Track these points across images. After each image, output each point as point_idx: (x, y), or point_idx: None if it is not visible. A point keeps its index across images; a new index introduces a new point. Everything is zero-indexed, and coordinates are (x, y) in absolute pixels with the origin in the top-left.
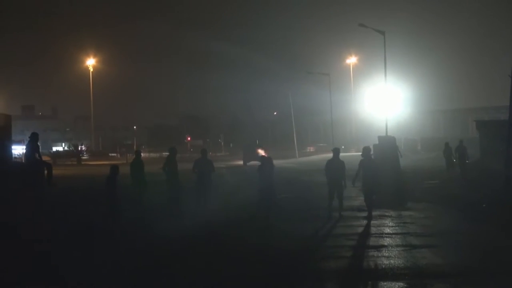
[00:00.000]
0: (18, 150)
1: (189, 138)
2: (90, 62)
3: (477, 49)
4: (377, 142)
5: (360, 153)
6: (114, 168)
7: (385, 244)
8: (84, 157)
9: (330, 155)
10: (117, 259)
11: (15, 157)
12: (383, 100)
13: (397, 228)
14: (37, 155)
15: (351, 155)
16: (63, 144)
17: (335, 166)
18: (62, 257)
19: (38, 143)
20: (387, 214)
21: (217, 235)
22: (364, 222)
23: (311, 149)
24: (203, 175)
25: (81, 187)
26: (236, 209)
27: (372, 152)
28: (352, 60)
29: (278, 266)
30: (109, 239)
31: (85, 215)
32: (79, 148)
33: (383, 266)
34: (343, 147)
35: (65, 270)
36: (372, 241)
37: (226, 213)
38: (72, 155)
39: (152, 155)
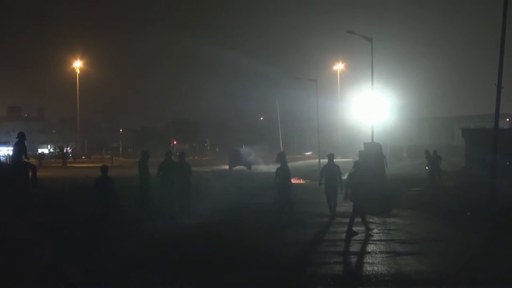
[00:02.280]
0: (3, 151)
1: (175, 142)
2: (77, 64)
3: (463, 58)
4: (363, 148)
5: (348, 159)
6: (104, 169)
7: (369, 250)
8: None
9: (314, 161)
10: (98, 262)
11: None
12: (370, 107)
13: (381, 234)
14: (23, 156)
15: (336, 161)
16: (49, 146)
17: (330, 170)
18: (46, 258)
19: (25, 144)
20: (371, 220)
21: (205, 239)
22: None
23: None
24: (181, 179)
25: (66, 189)
26: (223, 213)
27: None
28: (339, 66)
29: (262, 271)
30: (93, 241)
31: (70, 217)
32: (65, 150)
33: (367, 273)
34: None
35: (47, 272)
36: (356, 248)
37: (211, 218)
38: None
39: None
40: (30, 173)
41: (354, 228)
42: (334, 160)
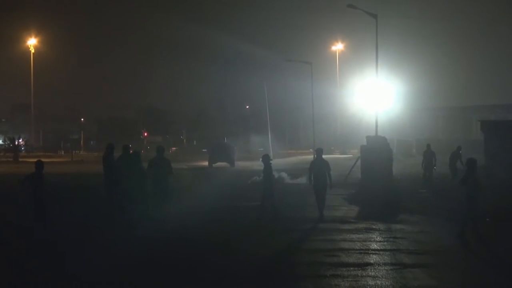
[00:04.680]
0: None
1: (146, 134)
2: (32, 42)
3: (484, 38)
4: (365, 143)
5: (348, 155)
6: (40, 165)
7: (372, 262)
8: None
9: (308, 157)
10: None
11: None
12: (373, 95)
13: (385, 243)
14: None
15: (334, 157)
16: None
17: (318, 166)
18: None
19: None
20: (374, 227)
21: (178, 249)
22: (348, 236)
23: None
24: (158, 177)
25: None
26: (200, 217)
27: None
28: (338, 47)
29: (244, 284)
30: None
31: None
32: (16, 143)
33: None
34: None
35: None
36: (356, 258)
37: (189, 222)
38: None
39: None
40: None
41: (355, 236)
42: (332, 156)
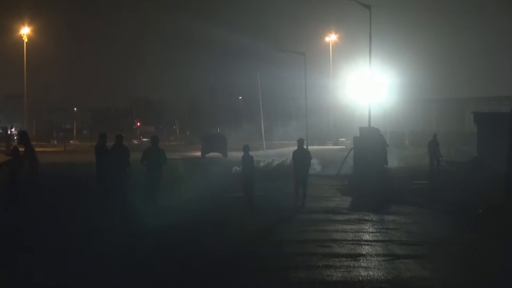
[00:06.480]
0: None
1: (138, 124)
2: (25, 31)
3: (478, 29)
4: (358, 134)
5: (340, 146)
6: (16, 151)
7: (364, 252)
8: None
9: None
10: None
11: None
12: (367, 86)
13: (378, 234)
14: None
15: (328, 148)
16: None
17: (300, 156)
18: None
19: None
20: (367, 218)
21: (169, 240)
22: (340, 226)
23: None
24: (153, 168)
25: None
26: (191, 209)
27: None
28: (331, 38)
29: (239, 275)
30: None
31: None
32: (9, 132)
33: (360, 278)
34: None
35: None
36: (349, 249)
37: (180, 214)
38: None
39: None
40: None
41: (347, 226)
42: (324, 147)
